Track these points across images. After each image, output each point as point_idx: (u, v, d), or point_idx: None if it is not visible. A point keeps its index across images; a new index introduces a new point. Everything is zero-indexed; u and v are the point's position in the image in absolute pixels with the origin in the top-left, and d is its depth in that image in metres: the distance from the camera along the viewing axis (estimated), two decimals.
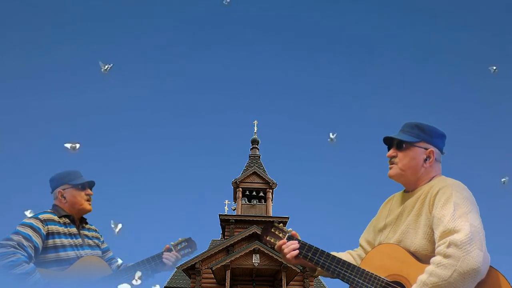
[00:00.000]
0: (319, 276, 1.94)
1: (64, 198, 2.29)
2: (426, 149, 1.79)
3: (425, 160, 1.78)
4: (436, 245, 1.56)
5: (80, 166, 2.40)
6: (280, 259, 16.88)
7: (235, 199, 21.02)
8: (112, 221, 2.27)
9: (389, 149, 1.86)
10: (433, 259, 1.54)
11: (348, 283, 1.72)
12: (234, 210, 21.01)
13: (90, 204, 2.34)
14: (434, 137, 1.81)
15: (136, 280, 2.10)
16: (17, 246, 1.98)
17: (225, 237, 20.06)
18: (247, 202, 20.52)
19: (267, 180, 20.76)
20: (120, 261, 2.38)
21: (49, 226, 2.14)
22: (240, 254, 17.24)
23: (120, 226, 2.26)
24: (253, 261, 17.26)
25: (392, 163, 1.83)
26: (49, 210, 2.26)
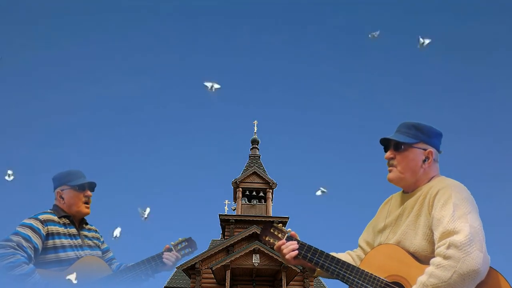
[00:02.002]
0: (319, 276, 1.93)
1: (63, 199, 2.28)
2: (424, 149, 1.77)
3: (424, 161, 1.77)
4: (436, 246, 1.56)
5: (80, 167, 2.39)
6: (280, 259, 16.87)
7: (235, 199, 21.01)
8: (139, 208, 2.24)
9: (386, 151, 1.83)
10: (432, 260, 1.53)
11: (347, 284, 1.72)
12: (234, 210, 21.00)
13: (88, 207, 2.31)
14: (432, 137, 1.79)
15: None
16: (16, 247, 1.97)
17: (225, 237, 20.05)
18: (247, 202, 20.51)
19: (267, 180, 20.75)
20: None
21: (48, 227, 2.14)
22: (240, 254, 17.24)
23: (148, 210, 2.23)
24: (253, 261, 17.25)
25: (390, 165, 1.81)
26: (49, 210, 2.26)
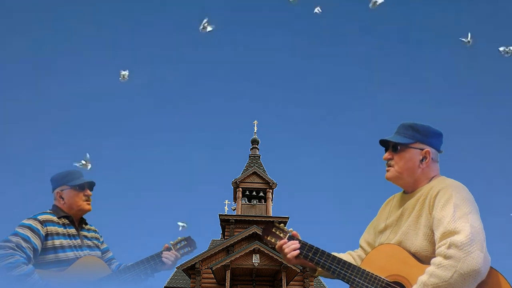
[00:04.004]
0: (319, 276, 1.93)
1: (63, 199, 2.28)
2: (421, 149, 1.78)
3: (421, 160, 1.77)
4: (437, 246, 1.56)
5: (80, 167, 2.39)
6: (280, 259, 16.88)
7: (235, 199, 21.02)
8: (179, 223, 2.28)
9: (385, 152, 1.85)
10: (433, 260, 1.53)
11: (348, 283, 1.72)
12: (234, 210, 21.02)
13: (89, 204, 2.31)
14: (429, 137, 1.80)
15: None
16: (15, 247, 1.97)
17: (225, 237, 20.06)
18: (247, 202, 20.52)
19: (267, 180, 20.76)
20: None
21: (48, 227, 2.13)
22: (240, 254, 17.25)
23: (185, 225, 2.27)
24: (253, 261, 17.26)
25: (389, 166, 1.82)
26: (48, 211, 2.26)
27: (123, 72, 2.69)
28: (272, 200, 20.90)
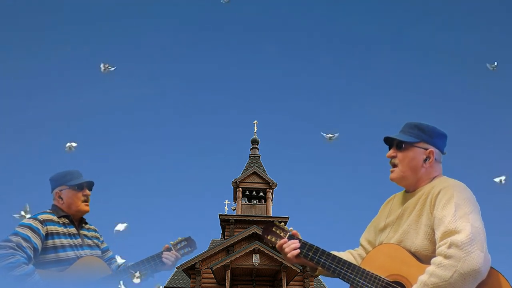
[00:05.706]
0: (320, 276, 1.93)
1: (61, 199, 2.27)
2: (426, 149, 1.79)
3: (425, 160, 1.78)
4: (437, 245, 1.56)
5: (81, 167, 2.38)
6: (280, 259, 16.88)
7: (235, 199, 21.02)
8: (116, 223, 2.26)
9: (389, 150, 1.85)
10: (433, 260, 1.53)
11: (348, 283, 1.72)
12: (234, 210, 21.01)
13: (87, 205, 2.31)
14: (434, 137, 1.80)
15: (136, 278, 2.09)
16: (16, 247, 1.97)
17: (225, 237, 20.06)
18: (247, 202, 20.52)
19: (267, 180, 20.76)
20: (120, 261, 2.35)
21: (48, 227, 2.13)
22: (240, 254, 17.24)
23: (124, 226, 2.25)
24: (253, 261, 17.26)
25: (392, 164, 1.83)
26: (48, 210, 2.25)
27: (69, 144, 2.73)
28: (272, 200, 20.90)
